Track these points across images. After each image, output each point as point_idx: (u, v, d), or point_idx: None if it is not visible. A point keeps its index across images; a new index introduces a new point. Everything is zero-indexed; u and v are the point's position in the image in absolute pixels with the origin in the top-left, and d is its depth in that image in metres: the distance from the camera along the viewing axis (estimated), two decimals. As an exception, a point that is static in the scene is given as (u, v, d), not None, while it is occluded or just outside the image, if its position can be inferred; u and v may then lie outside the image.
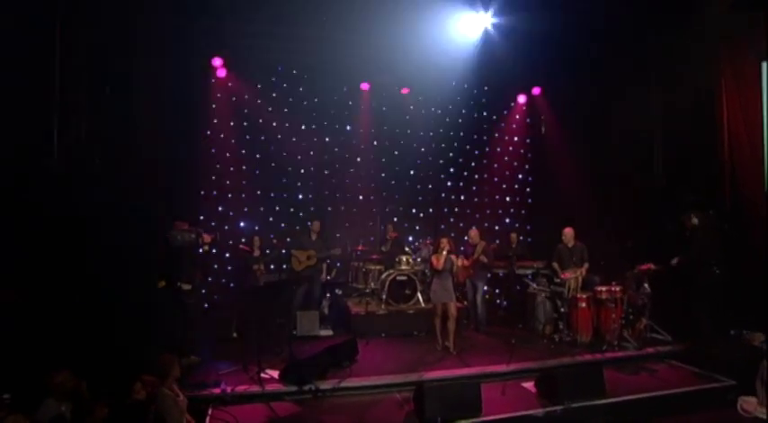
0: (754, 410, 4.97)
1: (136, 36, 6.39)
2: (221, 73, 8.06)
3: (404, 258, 7.69)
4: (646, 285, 6.84)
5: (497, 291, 8.46)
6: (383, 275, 7.55)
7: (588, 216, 8.23)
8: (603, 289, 6.62)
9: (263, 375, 5.02)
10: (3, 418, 3.14)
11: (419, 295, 7.37)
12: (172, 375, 3.89)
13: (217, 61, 7.87)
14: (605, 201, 8.31)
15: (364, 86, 8.87)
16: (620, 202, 8.22)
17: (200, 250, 6.22)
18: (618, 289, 6.63)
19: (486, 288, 7.57)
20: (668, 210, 7.44)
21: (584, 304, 6.71)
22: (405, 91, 9.12)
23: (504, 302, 8.45)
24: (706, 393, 5.42)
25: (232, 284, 7.88)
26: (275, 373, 5.11)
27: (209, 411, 4.44)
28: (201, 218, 7.89)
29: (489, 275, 8.28)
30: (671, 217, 7.11)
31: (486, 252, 7.22)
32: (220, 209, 8.26)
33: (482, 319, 7.37)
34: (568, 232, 7.47)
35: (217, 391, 4.75)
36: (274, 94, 8.63)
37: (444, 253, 6.20)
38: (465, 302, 7.67)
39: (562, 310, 6.81)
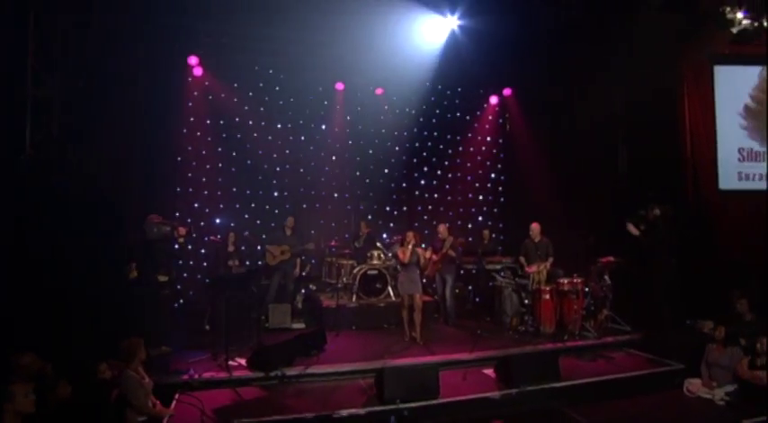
0: (697, 391, 5.29)
1: (111, 33, 6.49)
2: (197, 72, 8.19)
3: (375, 253, 7.89)
4: (606, 278, 7.15)
5: (470, 288, 8.68)
6: (355, 270, 7.74)
7: (555, 212, 8.53)
8: (565, 281, 6.90)
9: (231, 363, 5.16)
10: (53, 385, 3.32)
11: (390, 289, 7.57)
12: (138, 358, 4.02)
13: (193, 60, 8.00)
14: (571, 198, 8.61)
15: (339, 86, 9.07)
16: (584, 198, 8.54)
17: (176, 244, 6.36)
18: (579, 281, 6.90)
19: (454, 282, 7.76)
20: (630, 205, 7.77)
21: (547, 296, 6.97)
22: (379, 91, 9.35)
23: (477, 298, 8.69)
24: (656, 377, 5.71)
25: (207, 280, 7.98)
26: (243, 361, 5.26)
27: (176, 396, 4.57)
28: (177, 214, 7.98)
29: (462, 271, 8.57)
30: (632, 211, 7.41)
31: (454, 247, 7.44)
32: (196, 205, 8.37)
33: (451, 312, 7.58)
34: (535, 228, 7.75)
35: (185, 377, 4.88)
36: (251, 94, 8.79)
37: (410, 247, 6.41)
38: (435, 296, 7.89)
39: (526, 301, 7.07)
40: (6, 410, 3.01)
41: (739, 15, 5.42)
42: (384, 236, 9.42)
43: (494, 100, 10.10)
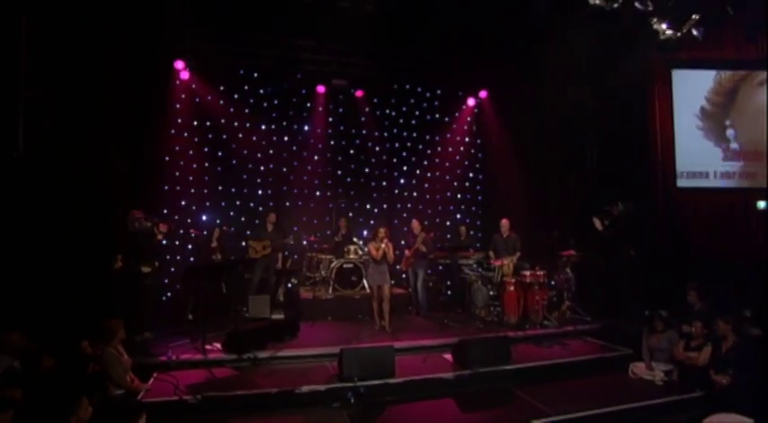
0: (641, 373, 5.70)
1: (101, 37, 6.89)
2: (184, 75, 8.59)
3: (352, 248, 8.30)
4: (568, 270, 7.58)
5: (448, 282, 9.08)
6: (332, 264, 8.15)
7: (526, 209, 8.97)
8: (528, 274, 7.30)
9: (207, 347, 5.57)
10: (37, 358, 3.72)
11: (365, 281, 7.97)
12: (117, 337, 4.44)
13: (179, 64, 8.39)
14: (541, 195, 9.04)
15: (320, 89, 9.48)
16: (554, 196, 8.96)
17: (159, 238, 6.76)
18: (541, 273, 7.30)
19: (426, 275, 8.16)
20: (596, 202, 8.17)
21: (511, 288, 7.38)
22: (359, 94, 9.75)
23: (449, 291, 9.08)
24: (605, 361, 6.13)
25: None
26: (219, 346, 5.67)
27: (154, 374, 4.98)
28: (165, 211, 8.39)
29: (441, 267, 8.97)
30: (597, 207, 7.81)
31: (425, 242, 7.85)
32: (183, 203, 8.76)
33: (423, 303, 7.98)
34: (504, 224, 8.18)
35: (163, 358, 5.29)
36: (236, 96, 9.20)
37: (382, 245, 6.81)
38: (409, 289, 8.29)
39: (491, 293, 7.47)
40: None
41: (663, 26, 5.82)
42: (365, 233, 9.80)
43: (471, 102, 10.50)
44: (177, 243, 8.47)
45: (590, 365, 5.98)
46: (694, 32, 5.77)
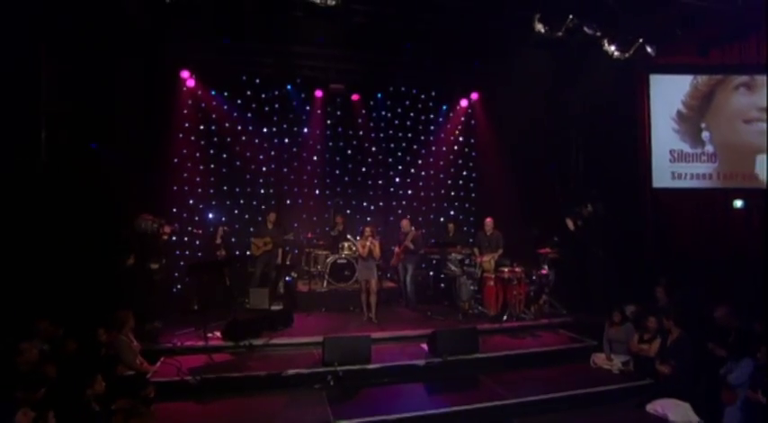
0: (601, 363, 6.22)
1: (112, 54, 7.56)
2: (190, 83, 9.23)
3: (346, 245, 8.91)
4: (545, 267, 8.07)
5: (431, 273, 9.65)
6: (328, 259, 8.78)
7: (512, 208, 9.45)
8: (506, 269, 7.81)
9: (209, 335, 6.26)
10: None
11: (357, 276, 8.57)
12: (127, 326, 5.15)
13: (185, 73, 9.03)
14: (527, 195, 9.49)
15: (318, 94, 10.03)
16: (539, 195, 9.40)
17: (164, 238, 7.47)
18: (519, 270, 7.80)
19: (415, 270, 8.71)
20: (578, 202, 8.60)
21: (491, 283, 7.91)
22: (355, 97, 10.28)
23: (442, 285, 9.64)
24: (571, 352, 6.67)
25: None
26: (218, 333, 6.36)
27: (161, 359, 5.69)
28: (174, 210, 9.13)
29: (434, 261, 9.50)
30: (572, 208, 8.27)
31: (415, 239, 8.41)
32: (191, 202, 9.45)
33: (411, 296, 8.55)
34: (489, 222, 8.69)
35: (169, 345, 6.01)
36: (239, 101, 9.82)
37: (368, 243, 7.39)
38: (399, 283, 8.88)
39: (472, 288, 8.01)
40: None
41: (612, 48, 6.20)
42: (361, 229, 10.38)
43: (464, 103, 10.93)
44: (186, 239, 9.19)
45: (556, 355, 6.52)
46: (648, 49, 6.13)
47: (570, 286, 8.14)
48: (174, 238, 7.90)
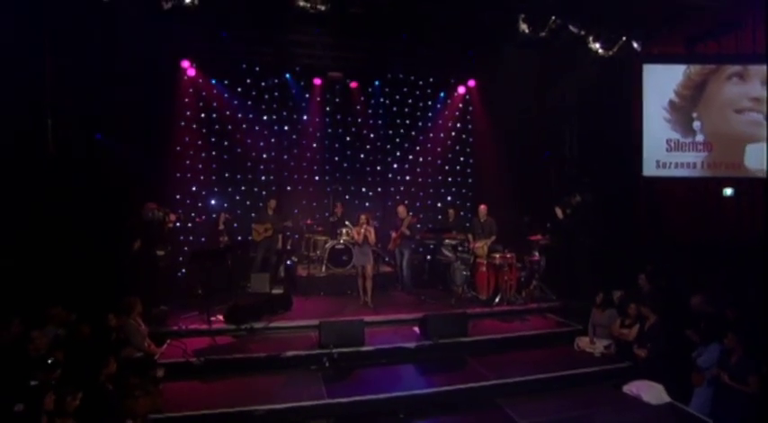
0: (584, 346, 6.54)
1: (116, 43, 7.72)
2: (191, 72, 9.39)
3: (344, 231, 9.19)
4: (536, 253, 8.33)
5: (428, 257, 9.94)
6: (326, 245, 9.09)
7: (508, 195, 9.68)
8: (498, 256, 8.08)
9: (212, 318, 6.61)
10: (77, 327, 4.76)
11: (354, 261, 8.88)
12: (135, 311, 5.50)
13: (185, 63, 9.19)
14: (522, 182, 9.69)
15: (317, 81, 10.17)
16: (534, 182, 9.60)
17: (170, 226, 7.77)
18: (510, 256, 8.07)
19: (411, 255, 8.99)
20: (571, 190, 8.79)
21: (483, 268, 8.19)
22: (354, 85, 10.40)
23: (435, 269, 9.94)
24: (557, 335, 6.99)
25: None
26: (221, 317, 6.72)
27: (168, 341, 6.06)
28: (178, 196, 9.42)
29: (431, 246, 9.75)
30: (561, 198, 8.46)
31: (411, 225, 8.68)
32: (194, 188, 9.74)
33: (407, 281, 8.86)
34: (483, 209, 8.93)
35: (175, 328, 6.37)
36: (239, 89, 9.98)
37: (362, 231, 7.66)
38: (396, 267, 9.19)
39: (464, 273, 8.30)
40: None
41: (596, 45, 6.31)
42: (356, 216, 10.62)
43: (461, 89, 11.02)
44: (190, 225, 9.51)
45: (542, 339, 6.84)
46: (634, 45, 6.24)
47: (560, 272, 8.41)
48: (178, 225, 8.19)
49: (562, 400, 5.40)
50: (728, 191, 8.43)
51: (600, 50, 6.32)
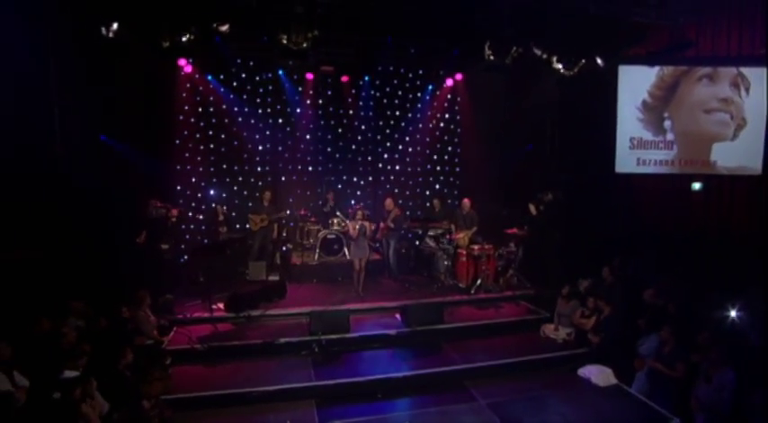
0: (549, 333, 7.25)
1: (115, 45, 8.08)
2: (188, 69, 9.77)
3: (336, 221, 9.79)
4: (512, 245, 8.97)
5: (417, 243, 10.58)
6: (319, 234, 9.71)
7: (490, 188, 10.24)
8: (476, 247, 8.72)
9: (213, 307, 7.30)
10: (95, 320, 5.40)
11: (345, 250, 9.52)
12: (145, 303, 6.18)
13: (182, 61, 9.55)
14: (502, 177, 10.24)
15: (309, 76, 10.54)
16: (513, 177, 10.15)
17: (173, 221, 8.38)
18: (488, 247, 8.71)
19: (397, 244, 9.61)
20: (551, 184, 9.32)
21: (463, 258, 8.84)
22: (345, 79, 10.78)
23: (419, 258, 10.58)
24: (526, 322, 7.68)
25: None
26: (222, 305, 7.41)
27: (174, 328, 6.77)
28: (178, 188, 9.99)
29: (411, 235, 10.41)
30: (535, 195, 8.99)
31: (396, 218, 9.27)
32: (193, 180, 10.28)
33: (394, 268, 9.51)
34: (466, 202, 9.50)
35: (180, 316, 7.07)
36: (235, 84, 10.37)
37: (357, 226, 8.25)
38: (383, 256, 9.83)
39: (446, 263, 8.95)
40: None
41: (559, 65, 6.72)
42: (352, 202, 11.21)
43: (450, 82, 11.38)
44: (191, 214, 10.10)
45: (512, 326, 7.55)
46: (598, 61, 6.65)
47: (534, 263, 9.06)
48: (178, 219, 8.78)
49: (523, 382, 6.13)
50: (697, 185, 8.97)
51: (563, 70, 6.74)
